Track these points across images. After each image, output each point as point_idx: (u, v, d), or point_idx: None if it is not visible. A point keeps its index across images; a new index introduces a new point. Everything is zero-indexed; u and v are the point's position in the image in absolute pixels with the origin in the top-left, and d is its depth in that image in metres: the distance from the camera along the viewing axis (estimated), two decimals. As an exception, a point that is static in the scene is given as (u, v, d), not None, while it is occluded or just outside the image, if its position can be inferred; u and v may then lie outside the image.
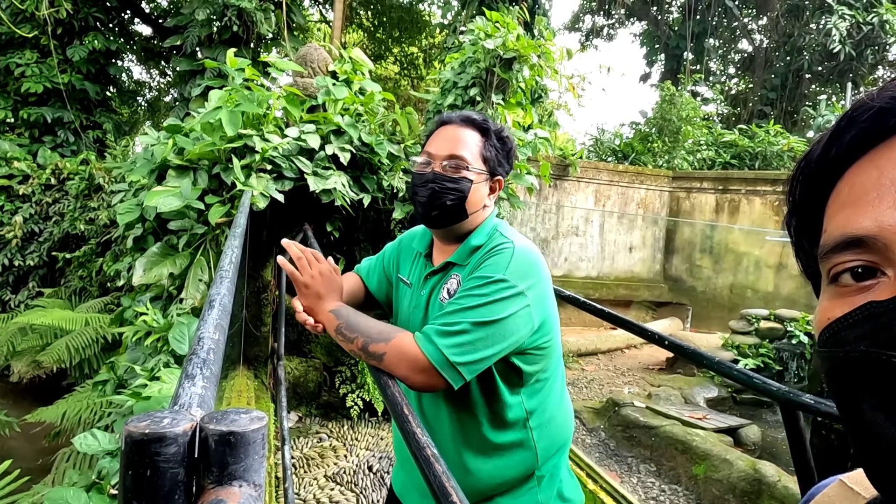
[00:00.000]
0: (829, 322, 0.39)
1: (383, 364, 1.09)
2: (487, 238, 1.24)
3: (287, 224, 3.73)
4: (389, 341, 1.09)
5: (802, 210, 0.46)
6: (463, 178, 1.22)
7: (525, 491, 1.23)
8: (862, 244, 0.38)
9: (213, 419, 0.43)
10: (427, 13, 15.99)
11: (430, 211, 1.24)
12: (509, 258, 1.14)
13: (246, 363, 3.76)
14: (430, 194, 1.22)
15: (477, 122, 1.26)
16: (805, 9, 15.27)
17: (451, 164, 1.23)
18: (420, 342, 1.07)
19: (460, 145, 1.24)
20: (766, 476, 3.41)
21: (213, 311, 0.84)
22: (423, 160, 1.27)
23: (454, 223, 1.25)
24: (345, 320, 1.16)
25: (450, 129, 1.27)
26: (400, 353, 1.07)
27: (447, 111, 1.40)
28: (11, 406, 5.26)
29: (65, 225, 6.93)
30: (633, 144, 11.42)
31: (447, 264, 1.26)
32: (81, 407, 4.14)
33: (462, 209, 1.23)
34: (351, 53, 4.10)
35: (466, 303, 1.09)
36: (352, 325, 1.15)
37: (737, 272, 9.11)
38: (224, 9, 7.79)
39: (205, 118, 3.11)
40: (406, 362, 1.06)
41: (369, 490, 3.14)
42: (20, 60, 8.08)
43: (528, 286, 1.12)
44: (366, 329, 1.13)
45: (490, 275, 1.11)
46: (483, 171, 1.25)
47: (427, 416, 1.27)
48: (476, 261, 1.19)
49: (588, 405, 5.09)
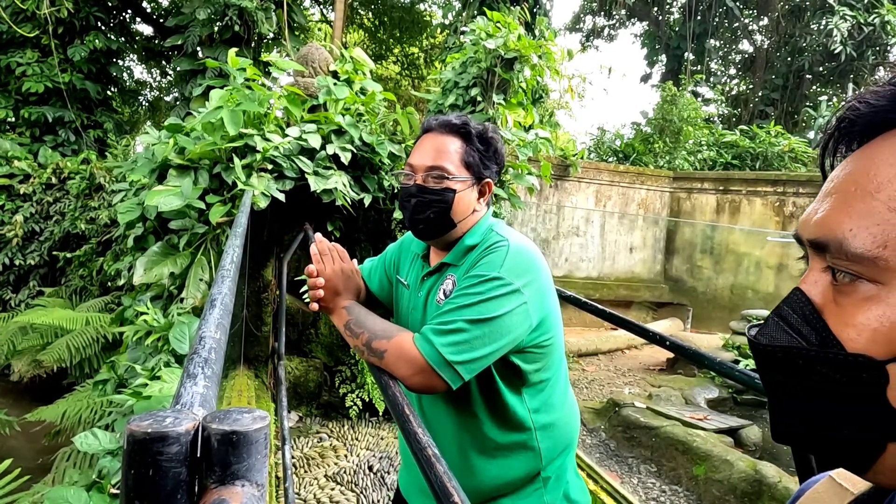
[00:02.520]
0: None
1: (384, 362, 1.10)
2: (482, 238, 1.23)
3: (288, 224, 3.73)
4: (391, 339, 1.11)
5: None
6: (446, 188, 1.20)
7: (530, 492, 1.22)
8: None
9: (216, 418, 0.43)
10: (428, 13, 16.00)
11: (416, 224, 1.23)
12: (504, 256, 1.13)
13: (246, 363, 3.76)
14: (414, 207, 1.22)
15: (457, 127, 1.23)
16: (806, 9, 15.27)
17: (433, 174, 1.21)
18: (417, 342, 1.07)
19: (440, 155, 1.21)
20: (766, 477, 3.41)
21: (215, 311, 0.84)
22: (406, 171, 1.26)
23: (442, 234, 1.24)
24: (354, 317, 1.20)
25: (430, 138, 1.25)
26: (400, 352, 1.07)
27: (440, 114, 1.38)
28: (11, 405, 5.26)
29: (65, 224, 6.93)
30: (634, 145, 11.42)
31: (442, 265, 1.26)
32: (82, 406, 4.14)
33: (448, 220, 1.22)
34: (352, 53, 4.10)
35: (461, 301, 1.09)
36: (360, 322, 1.18)
37: (737, 273, 9.11)
38: (225, 8, 7.78)
39: (206, 118, 3.11)
40: (404, 361, 1.06)
41: (369, 490, 3.14)
42: (21, 60, 8.08)
43: (524, 283, 1.11)
44: (371, 326, 1.16)
45: (485, 273, 1.11)
46: (467, 178, 1.23)
47: (429, 416, 1.26)
48: (472, 260, 1.19)
49: (588, 406, 5.09)
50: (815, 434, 0.42)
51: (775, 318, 0.46)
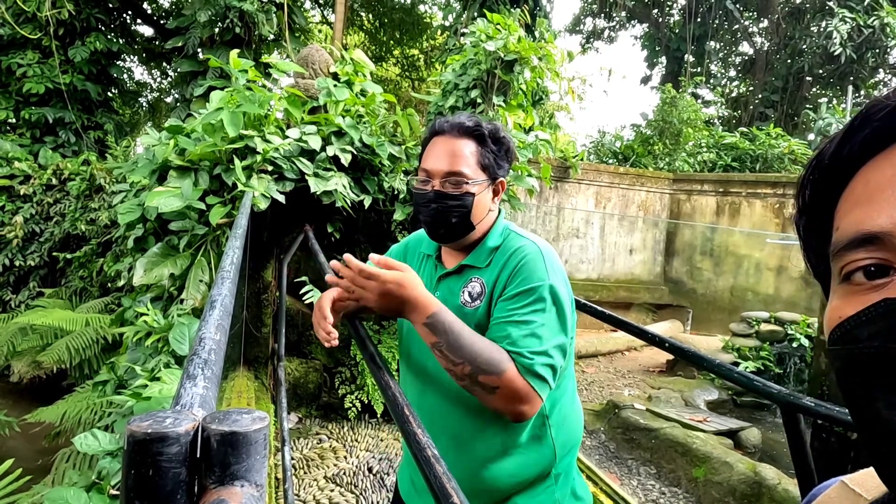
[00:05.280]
0: (840, 320, 0.39)
1: (491, 399, 1.06)
2: (503, 239, 1.23)
3: (288, 225, 3.73)
4: (502, 374, 1.03)
5: (813, 209, 0.46)
6: (465, 192, 1.20)
7: (543, 489, 1.22)
8: (876, 241, 0.38)
9: (215, 419, 0.43)
10: (428, 15, 16.02)
11: (437, 229, 1.23)
12: (543, 262, 1.15)
13: (246, 364, 3.76)
14: (433, 214, 1.21)
15: (470, 130, 1.22)
16: (806, 11, 15.29)
17: (451, 180, 1.20)
18: (527, 376, 1.05)
19: (457, 160, 1.20)
20: (766, 479, 3.41)
21: (215, 312, 0.84)
22: (421, 178, 1.25)
23: (462, 237, 1.24)
24: (444, 338, 1.06)
25: (443, 141, 1.23)
26: (513, 391, 1.04)
27: (442, 116, 1.36)
28: (11, 406, 5.27)
29: (66, 225, 6.94)
30: (634, 146, 11.43)
31: (463, 266, 1.25)
32: (81, 407, 4.14)
33: (468, 223, 1.21)
34: (352, 55, 4.10)
35: (537, 320, 1.09)
36: (454, 347, 1.05)
37: (737, 275, 9.11)
38: (226, 10, 7.80)
39: (206, 119, 3.11)
40: (518, 399, 1.05)
41: (369, 491, 3.14)
42: (22, 61, 8.09)
43: (565, 283, 1.17)
44: (471, 354, 1.05)
45: (537, 283, 1.12)
46: (484, 180, 1.23)
47: (446, 418, 1.23)
48: (499, 263, 1.19)
49: (588, 407, 5.09)
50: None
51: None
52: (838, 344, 0.39)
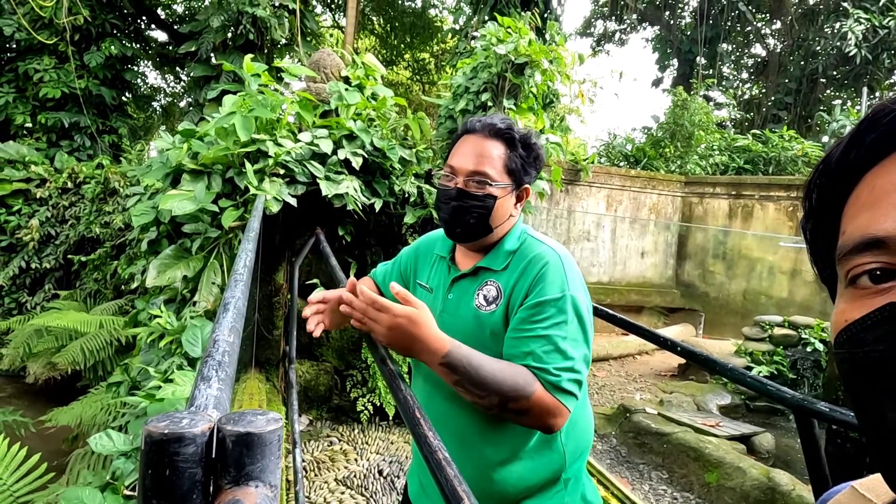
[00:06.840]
0: (846, 324, 0.39)
1: (521, 420, 1.08)
2: (520, 243, 1.23)
3: (299, 228, 3.76)
4: (531, 397, 1.05)
5: (819, 214, 0.46)
6: (487, 194, 1.19)
7: (553, 494, 1.21)
8: (882, 245, 0.38)
9: (231, 420, 0.44)
10: (439, 19, 16.06)
11: (454, 227, 1.23)
12: (563, 270, 1.15)
13: (257, 366, 3.78)
14: (453, 211, 1.21)
15: (501, 132, 1.21)
16: (820, 12, 15.14)
17: (475, 179, 1.20)
18: (554, 392, 1.06)
19: (484, 160, 1.20)
20: (780, 484, 3.37)
21: (228, 314, 0.85)
22: (446, 173, 1.25)
23: (478, 238, 1.23)
24: (465, 375, 1.04)
25: (473, 140, 1.23)
26: (543, 409, 1.06)
27: (468, 117, 1.36)
28: (27, 407, 5.33)
29: (80, 228, 7.02)
30: (645, 149, 11.36)
31: (478, 269, 1.24)
32: (96, 409, 4.18)
33: (486, 225, 1.21)
34: (363, 59, 4.13)
35: (560, 334, 1.09)
36: (476, 382, 1.04)
37: (750, 278, 9.02)
38: (239, 16, 7.87)
39: (219, 123, 3.14)
40: (548, 414, 1.07)
41: (379, 494, 3.14)
42: (39, 66, 8.21)
43: (584, 290, 1.16)
44: (496, 385, 1.04)
45: (558, 294, 1.12)
46: (508, 185, 1.22)
47: (456, 421, 1.23)
48: (517, 267, 1.18)
49: (599, 411, 5.06)
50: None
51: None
52: (844, 347, 0.39)
